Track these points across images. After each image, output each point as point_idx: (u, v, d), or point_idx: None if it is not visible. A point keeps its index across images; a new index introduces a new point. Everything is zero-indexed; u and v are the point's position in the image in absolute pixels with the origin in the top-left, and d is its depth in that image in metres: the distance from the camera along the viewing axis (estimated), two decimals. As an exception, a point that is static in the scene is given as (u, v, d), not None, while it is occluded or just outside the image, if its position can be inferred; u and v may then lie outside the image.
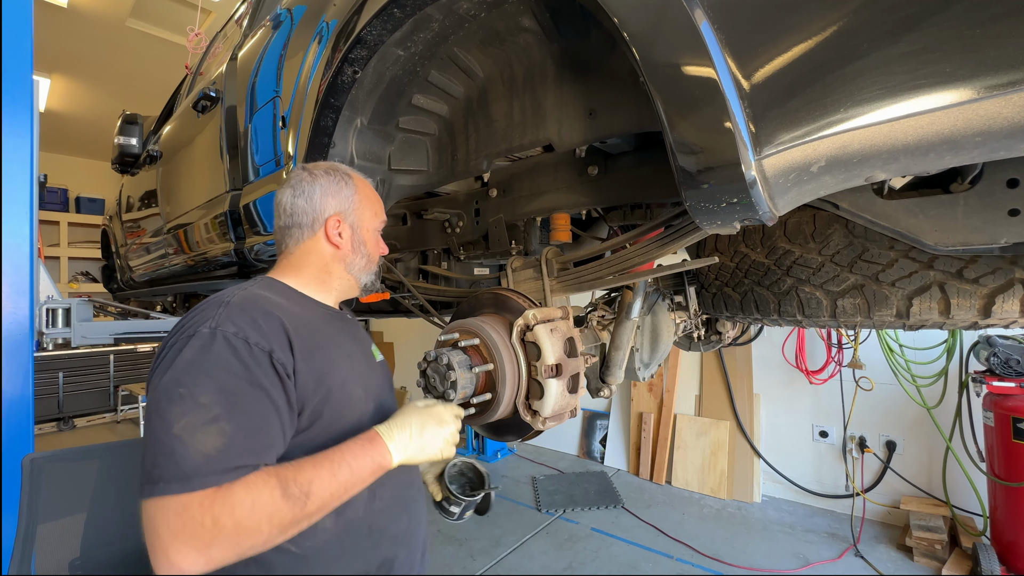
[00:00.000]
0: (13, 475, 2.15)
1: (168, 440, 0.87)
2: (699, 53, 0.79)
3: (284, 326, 1.05)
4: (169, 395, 0.90)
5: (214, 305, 1.03)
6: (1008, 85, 0.60)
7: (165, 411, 0.89)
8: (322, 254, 1.25)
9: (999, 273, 1.17)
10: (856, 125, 0.71)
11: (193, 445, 0.87)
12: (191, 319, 1.01)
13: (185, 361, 0.93)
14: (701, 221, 0.95)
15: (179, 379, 0.92)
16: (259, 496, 0.88)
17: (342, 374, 1.14)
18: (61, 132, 8.60)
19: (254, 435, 0.93)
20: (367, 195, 1.31)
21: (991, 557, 3.22)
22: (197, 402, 0.89)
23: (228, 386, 0.93)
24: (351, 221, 1.26)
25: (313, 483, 0.93)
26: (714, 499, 4.72)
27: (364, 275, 1.31)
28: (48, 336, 2.82)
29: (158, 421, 0.89)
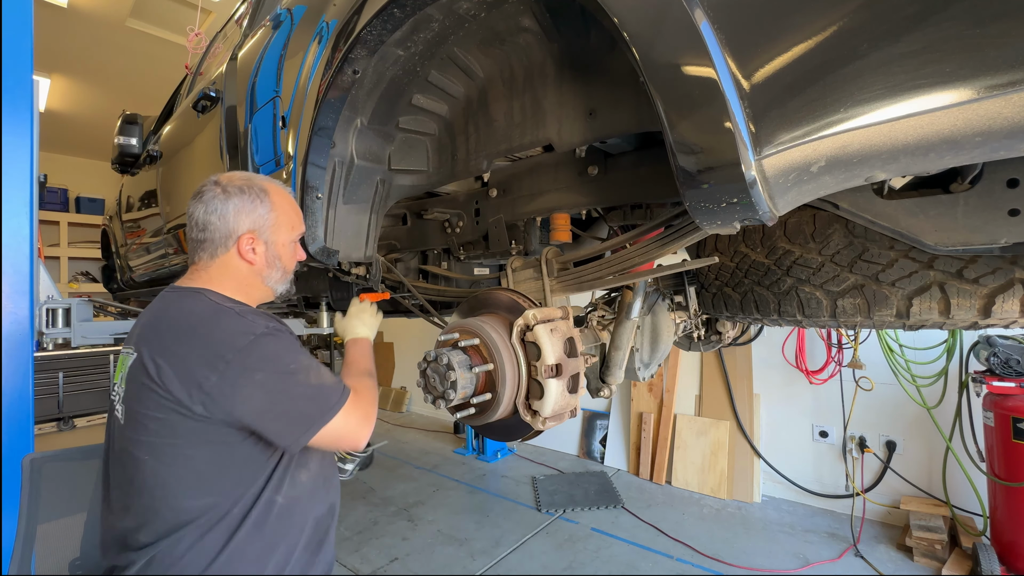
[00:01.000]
0: (13, 475, 2.15)
1: (310, 389, 1.19)
2: (699, 53, 0.79)
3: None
4: (286, 369, 1.18)
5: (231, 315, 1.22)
6: (1008, 85, 0.60)
7: (292, 378, 1.18)
8: (238, 268, 1.34)
9: (999, 273, 1.17)
10: (856, 125, 0.71)
11: (324, 381, 1.23)
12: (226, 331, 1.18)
13: (274, 350, 1.19)
14: (701, 221, 0.95)
15: (281, 358, 1.19)
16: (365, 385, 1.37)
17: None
18: (61, 132, 8.60)
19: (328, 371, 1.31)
20: (283, 210, 1.38)
21: (991, 557, 3.22)
22: (303, 365, 1.21)
23: (302, 352, 1.25)
24: (265, 238, 1.35)
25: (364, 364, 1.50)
26: (714, 499, 4.72)
27: (280, 285, 1.44)
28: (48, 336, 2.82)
29: (291, 384, 1.17)
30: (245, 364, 1.13)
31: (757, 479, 4.71)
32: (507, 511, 4.58)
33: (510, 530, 4.22)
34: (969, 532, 3.61)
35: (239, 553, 1.17)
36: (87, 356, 7.48)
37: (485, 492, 5.00)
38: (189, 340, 1.15)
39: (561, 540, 4.05)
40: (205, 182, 1.33)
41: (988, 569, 3.17)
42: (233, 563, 1.16)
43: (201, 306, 1.22)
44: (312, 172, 1.70)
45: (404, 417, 7.86)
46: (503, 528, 4.26)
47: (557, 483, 5.13)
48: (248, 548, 1.18)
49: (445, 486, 5.16)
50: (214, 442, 1.16)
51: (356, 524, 4.34)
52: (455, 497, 4.90)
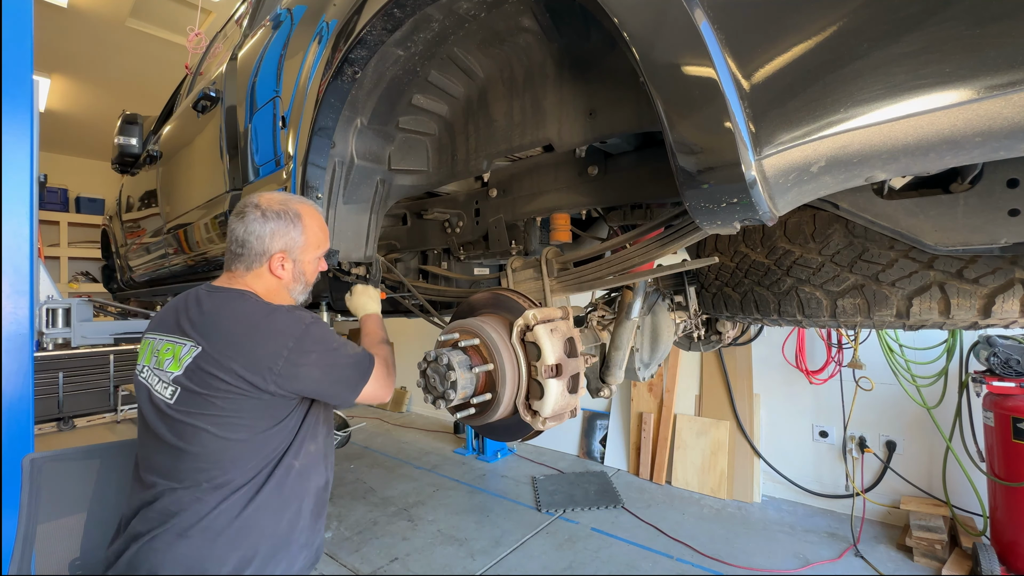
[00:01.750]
0: (13, 475, 2.15)
1: (351, 359, 1.44)
2: (699, 53, 0.79)
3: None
4: (331, 347, 1.41)
5: (283, 312, 1.43)
6: (1008, 85, 0.60)
7: (336, 353, 1.41)
8: (267, 281, 1.53)
9: (999, 273, 1.17)
10: (856, 125, 0.71)
11: (358, 351, 1.48)
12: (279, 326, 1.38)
13: (321, 334, 1.41)
14: (701, 221, 0.95)
15: (327, 339, 1.42)
16: (384, 351, 1.62)
17: None
18: (61, 132, 8.61)
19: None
20: (313, 232, 1.56)
21: (991, 557, 3.22)
22: (340, 342, 1.45)
23: (336, 333, 1.48)
24: (294, 257, 1.53)
25: (379, 332, 1.74)
26: (714, 499, 4.71)
27: (301, 296, 1.63)
28: (48, 336, 2.83)
29: (339, 357, 1.42)
30: (303, 348, 1.36)
31: (757, 479, 4.71)
32: (507, 511, 4.57)
33: (510, 530, 4.22)
34: (969, 532, 3.61)
35: (264, 506, 1.36)
36: (87, 356, 7.49)
37: (485, 492, 5.00)
38: (255, 335, 1.36)
39: (561, 540, 4.05)
40: (247, 202, 1.51)
41: (988, 569, 3.17)
42: (258, 515, 1.36)
43: (253, 307, 1.42)
44: (312, 172, 1.70)
45: (404, 417, 7.86)
46: (503, 528, 4.26)
47: (557, 483, 5.13)
48: (270, 502, 1.37)
49: (445, 486, 5.16)
50: (274, 414, 1.39)
51: (356, 524, 4.34)
52: (455, 497, 4.90)
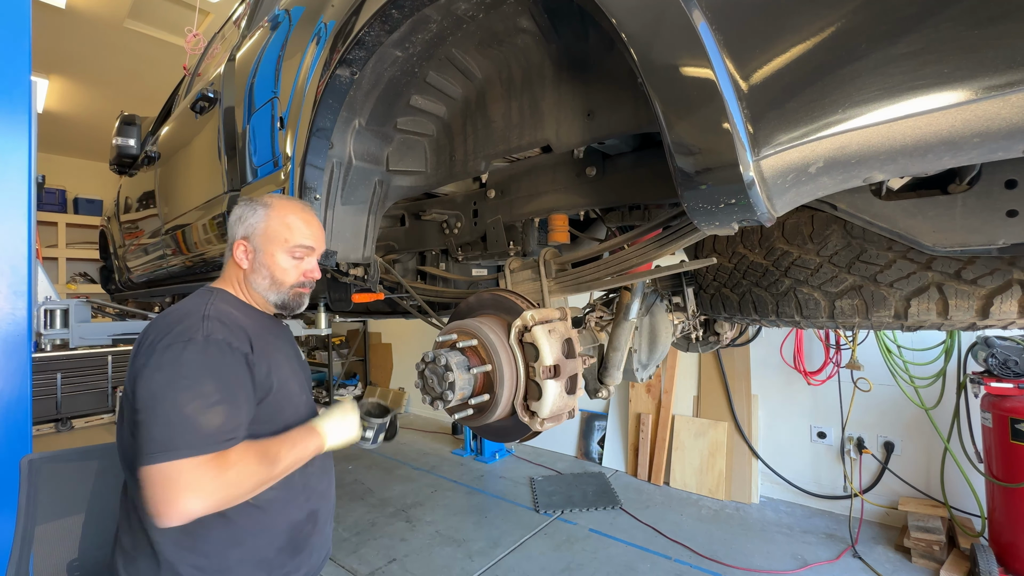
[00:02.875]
0: (11, 476, 2.14)
1: (180, 419, 1.12)
2: (697, 54, 0.79)
3: (248, 336, 1.31)
4: (176, 386, 1.15)
5: (198, 316, 1.26)
6: (1006, 86, 0.61)
7: (175, 398, 1.14)
8: (236, 273, 1.46)
9: (997, 274, 1.17)
10: (854, 126, 0.71)
11: (202, 422, 1.14)
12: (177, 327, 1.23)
13: (187, 361, 1.18)
14: (699, 222, 0.95)
15: (183, 373, 1.16)
16: (247, 460, 1.19)
17: (284, 373, 1.42)
18: (59, 133, 8.59)
19: (240, 415, 1.22)
20: (281, 222, 1.44)
21: (989, 558, 3.22)
22: (202, 391, 1.16)
23: (224, 379, 1.21)
24: (255, 244, 1.43)
25: (279, 454, 1.27)
26: (712, 500, 4.72)
27: (272, 294, 1.46)
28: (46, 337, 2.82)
29: (169, 405, 1.13)
30: (161, 359, 1.18)
31: (755, 480, 4.71)
32: (505, 512, 4.57)
33: (508, 531, 4.21)
34: (967, 533, 3.61)
35: (202, 537, 1.25)
36: (85, 357, 7.48)
37: (483, 493, 5.00)
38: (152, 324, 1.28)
39: (559, 541, 4.05)
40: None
41: (986, 570, 3.17)
42: (197, 545, 1.25)
43: (188, 302, 1.33)
44: (310, 173, 1.70)
45: (402, 418, 7.86)
46: (501, 529, 4.25)
47: (555, 484, 5.12)
48: (211, 534, 1.26)
49: (443, 487, 5.16)
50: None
51: (354, 525, 4.33)
52: (453, 498, 4.90)
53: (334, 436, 1.44)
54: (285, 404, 1.41)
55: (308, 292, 1.52)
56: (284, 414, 1.40)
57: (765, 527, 4.21)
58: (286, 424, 1.40)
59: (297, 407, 1.46)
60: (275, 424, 1.36)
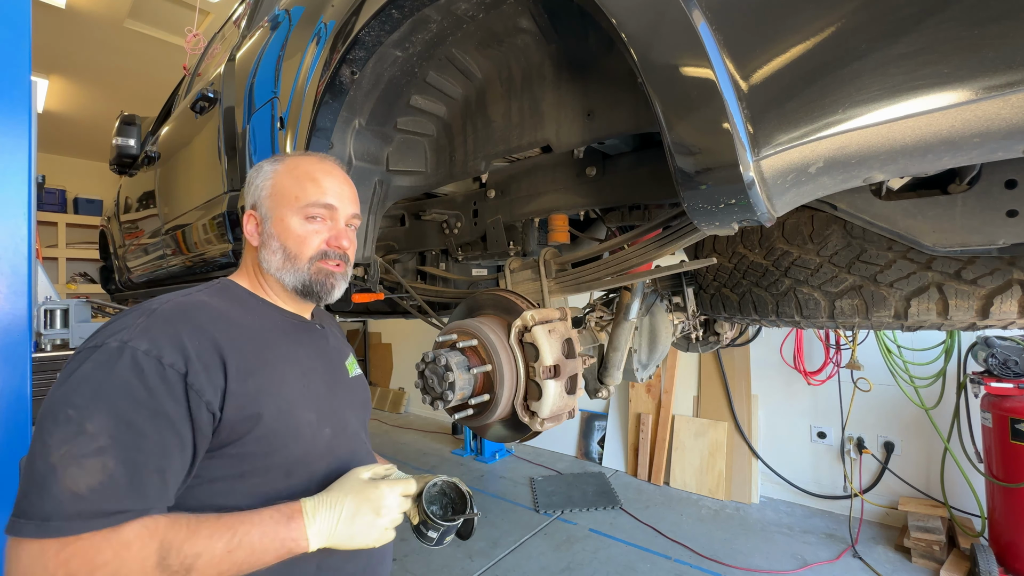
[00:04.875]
0: (11, 476, 2.14)
1: (42, 469, 0.76)
2: (697, 54, 0.79)
3: (216, 343, 0.92)
4: (55, 415, 0.79)
5: (138, 313, 0.92)
6: (1006, 86, 0.60)
7: (47, 433, 0.78)
8: (251, 254, 1.14)
9: (997, 274, 1.17)
10: (854, 126, 0.71)
11: (63, 480, 0.75)
12: (109, 324, 0.91)
13: (81, 378, 0.82)
14: (699, 222, 0.95)
15: (69, 398, 0.80)
16: (129, 561, 0.76)
17: (290, 395, 1.01)
18: (59, 133, 8.59)
19: (145, 473, 0.80)
20: (292, 176, 1.11)
21: (989, 558, 3.22)
22: (83, 429, 0.77)
23: (124, 414, 0.80)
24: (263, 212, 1.10)
25: (202, 556, 0.80)
26: (712, 500, 4.71)
27: (287, 274, 1.10)
28: (46, 337, 2.82)
29: (38, 444, 0.78)
30: (65, 370, 0.86)
31: (755, 480, 4.71)
32: (505, 512, 4.57)
33: (508, 531, 4.21)
34: (967, 533, 3.61)
35: None
36: (85, 357, 7.47)
37: (483, 493, 5.00)
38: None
39: (559, 541, 4.05)
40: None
41: (986, 570, 3.17)
42: None
43: (162, 295, 1.00)
44: (310, 173, 1.70)
45: (402, 418, 7.85)
46: (501, 529, 4.25)
47: (555, 484, 5.12)
48: None
49: (443, 487, 5.16)
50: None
51: (354, 525, 4.33)
52: (453, 498, 4.90)
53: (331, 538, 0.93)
54: (290, 444, 0.98)
55: (339, 270, 1.15)
56: (287, 459, 0.98)
57: (765, 527, 4.21)
58: (301, 479, 0.99)
59: (308, 448, 1.02)
60: (272, 476, 0.96)
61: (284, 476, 0.98)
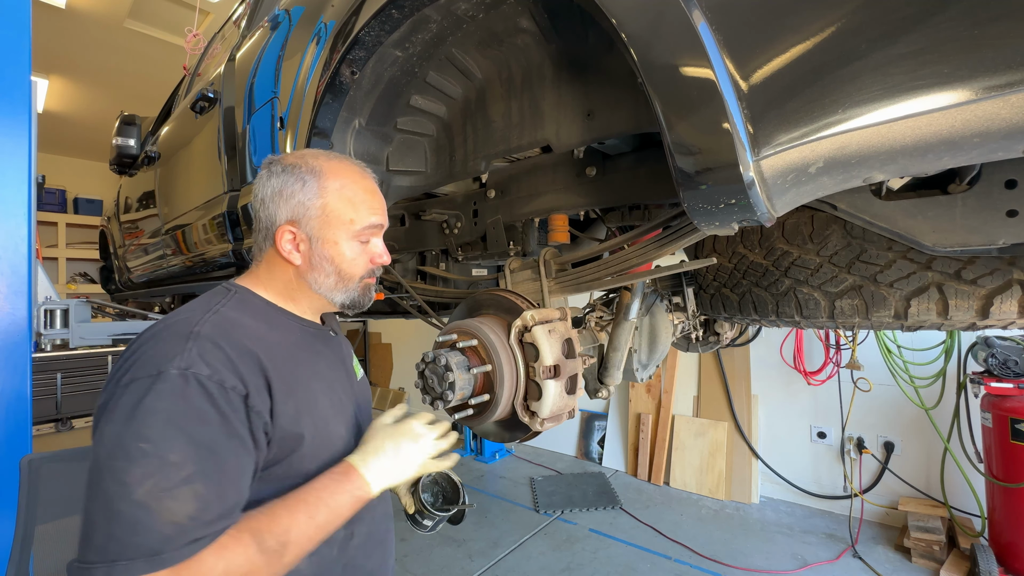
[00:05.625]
0: (11, 476, 2.14)
1: (129, 509, 0.75)
2: (697, 54, 0.79)
3: (261, 363, 0.93)
4: (128, 452, 0.77)
5: (180, 336, 0.88)
6: (1006, 86, 0.60)
7: (123, 471, 0.76)
8: (284, 270, 1.08)
9: (997, 274, 1.17)
10: (854, 126, 0.71)
11: (162, 514, 0.76)
12: (150, 350, 0.87)
13: (148, 410, 0.79)
14: (699, 222, 0.95)
15: (140, 432, 0.78)
16: (234, 558, 0.81)
17: (323, 412, 1.04)
18: (59, 133, 8.59)
19: (230, 493, 0.84)
20: (341, 196, 1.07)
21: (989, 558, 3.22)
22: (166, 460, 0.77)
23: (204, 439, 0.81)
24: (309, 231, 1.05)
25: (290, 531, 0.87)
26: (712, 500, 4.72)
27: (338, 294, 1.10)
28: (46, 337, 2.82)
29: (114, 484, 0.76)
30: (117, 403, 0.82)
31: (755, 480, 4.71)
32: (505, 512, 4.57)
33: (508, 531, 4.21)
34: (967, 533, 3.61)
35: None
36: (85, 357, 7.47)
37: (483, 493, 5.00)
38: (130, 343, 0.93)
39: (559, 541, 4.05)
40: (263, 161, 1.13)
41: (986, 570, 3.17)
42: None
43: (189, 306, 0.99)
44: (310, 173, 1.70)
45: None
46: (501, 529, 4.25)
47: (555, 484, 5.12)
48: None
49: (443, 487, 5.16)
50: None
51: (354, 525, 4.33)
52: (453, 498, 4.90)
53: (387, 477, 1.02)
54: (326, 459, 1.02)
55: (374, 281, 1.17)
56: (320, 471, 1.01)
57: (765, 527, 4.21)
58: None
59: (342, 456, 1.05)
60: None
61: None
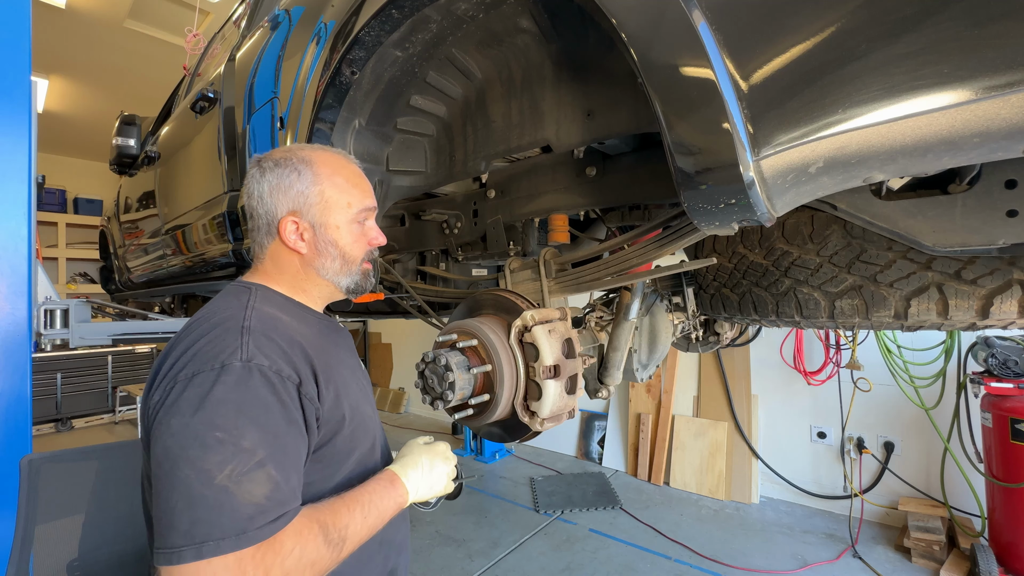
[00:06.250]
0: (11, 476, 2.14)
1: (212, 492, 0.80)
2: (697, 54, 0.79)
3: (306, 353, 1.01)
4: (204, 441, 0.82)
5: (233, 331, 0.94)
6: (1006, 86, 0.60)
7: (201, 459, 0.81)
8: (290, 261, 1.14)
9: (997, 274, 1.17)
10: (854, 126, 0.71)
11: (243, 495, 0.82)
12: (206, 347, 0.92)
13: (218, 400, 0.85)
14: (699, 222, 0.95)
15: (214, 421, 0.84)
16: (306, 545, 0.88)
17: (355, 395, 1.13)
18: (59, 133, 8.60)
19: (293, 475, 0.91)
20: (335, 182, 1.13)
21: (989, 558, 3.22)
22: (240, 447, 0.83)
23: (269, 426, 0.88)
24: (311, 219, 1.11)
25: (349, 527, 0.96)
26: (712, 500, 4.71)
27: (344, 277, 1.17)
28: (46, 337, 2.82)
29: (193, 472, 0.81)
30: (181, 397, 0.87)
31: (755, 480, 4.71)
32: (505, 512, 4.57)
33: (508, 531, 4.21)
34: (967, 533, 3.61)
35: None
36: (85, 357, 7.49)
37: (483, 493, 5.00)
38: (172, 344, 0.98)
39: (559, 541, 4.05)
40: (248, 163, 1.17)
41: (986, 570, 3.17)
42: None
43: (219, 305, 1.03)
44: (310, 173, 1.70)
45: (402, 418, 7.85)
46: (501, 529, 4.25)
47: (555, 484, 5.12)
48: None
49: (443, 487, 5.15)
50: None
51: (354, 525, 4.33)
52: (453, 498, 4.90)
53: (419, 490, 1.14)
54: (361, 437, 1.13)
55: (371, 268, 1.23)
56: (359, 451, 1.12)
57: (765, 527, 4.21)
58: (362, 464, 1.12)
59: (373, 437, 1.18)
60: (345, 467, 1.08)
61: (358, 467, 1.12)
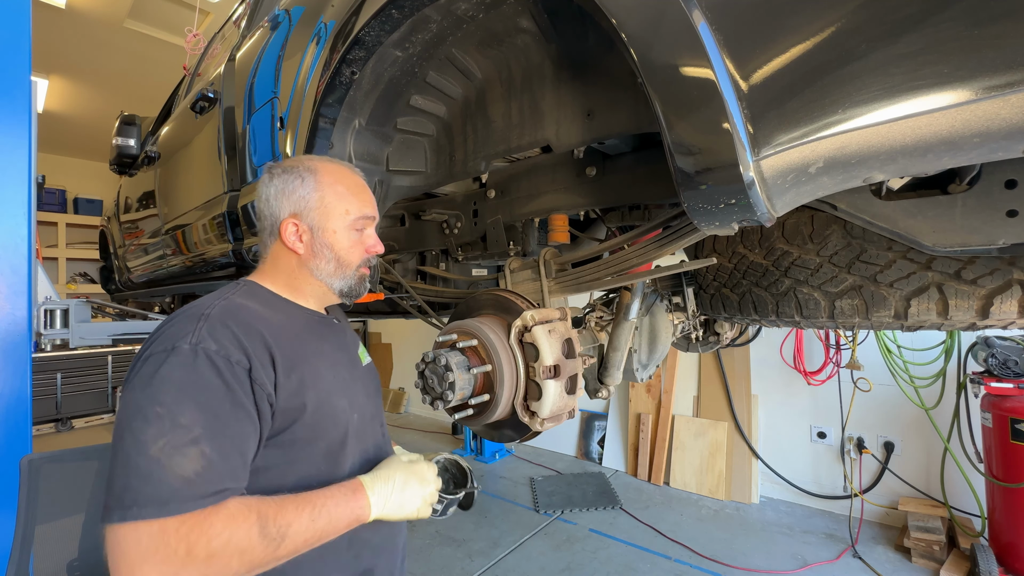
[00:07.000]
0: (11, 476, 2.14)
1: (144, 462, 0.84)
2: (697, 54, 0.79)
3: (265, 340, 1.03)
4: (145, 414, 0.87)
5: (192, 318, 1.00)
6: (1006, 86, 0.60)
7: (140, 431, 0.86)
8: (287, 260, 1.20)
9: (997, 274, 1.17)
10: (854, 126, 0.71)
11: (172, 468, 0.84)
12: (167, 330, 0.98)
13: (163, 378, 0.90)
14: (699, 222, 0.95)
15: (156, 397, 0.88)
16: (237, 530, 0.87)
17: (325, 386, 1.12)
18: (59, 133, 8.60)
19: (234, 456, 0.92)
20: (336, 190, 1.20)
21: (989, 558, 3.22)
22: (177, 423, 0.87)
23: (210, 406, 0.91)
24: (310, 222, 1.18)
25: (292, 525, 0.93)
26: (712, 500, 4.71)
27: (337, 280, 1.22)
28: (46, 337, 2.82)
29: (132, 442, 0.86)
30: (138, 374, 0.93)
31: (755, 480, 4.71)
32: (505, 512, 4.57)
33: (508, 531, 4.21)
34: (967, 533, 3.61)
35: None
36: (85, 357, 7.48)
37: (483, 493, 5.00)
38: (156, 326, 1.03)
39: (559, 541, 4.05)
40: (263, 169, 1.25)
41: (986, 570, 3.17)
42: None
43: (198, 302, 1.07)
44: (310, 173, 1.70)
45: (402, 418, 7.86)
46: (501, 529, 4.25)
47: (555, 484, 5.12)
48: None
49: (443, 487, 5.15)
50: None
51: (354, 525, 4.33)
52: (453, 498, 4.90)
53: (386, 507, 1.08)
54: (328, 428, 1.11)
55: (368, 272, 1.29)
56: (324, 442, 1.10)
57: (765, 527, 4.21)
58: (331, 457, 1.12)
59: (344, 432, 1.15)
60: (309, 457, 1.08)
61: (325, 460, 1.10)
